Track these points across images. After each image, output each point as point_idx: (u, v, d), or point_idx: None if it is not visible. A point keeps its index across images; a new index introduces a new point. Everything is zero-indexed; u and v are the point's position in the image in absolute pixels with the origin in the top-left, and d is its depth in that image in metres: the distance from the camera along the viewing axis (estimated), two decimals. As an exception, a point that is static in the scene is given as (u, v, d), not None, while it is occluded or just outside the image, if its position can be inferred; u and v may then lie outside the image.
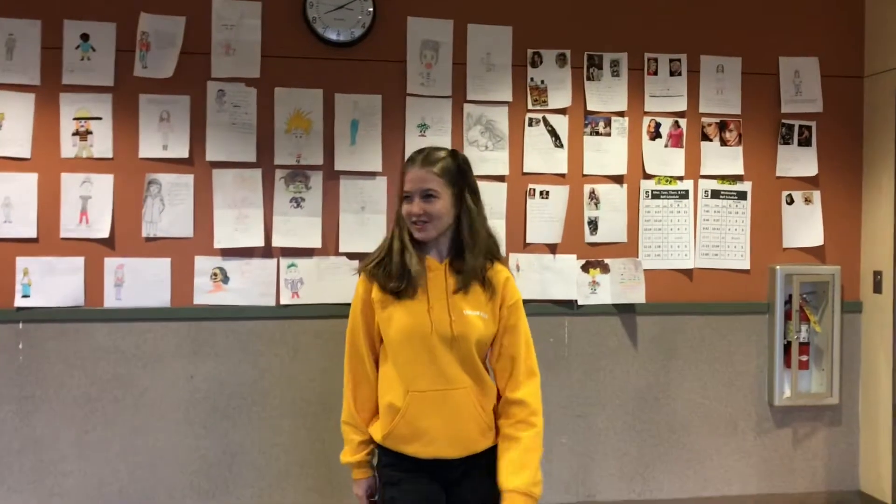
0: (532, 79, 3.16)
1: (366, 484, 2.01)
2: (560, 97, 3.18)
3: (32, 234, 2.89)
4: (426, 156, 1.91)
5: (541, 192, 3.16)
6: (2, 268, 2.88)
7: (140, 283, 2.93)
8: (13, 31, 2.88)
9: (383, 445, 1.92)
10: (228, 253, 2.98)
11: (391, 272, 1.88)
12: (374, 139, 3.06)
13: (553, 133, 3.17)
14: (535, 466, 1.87)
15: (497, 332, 1.94)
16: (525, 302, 3.01)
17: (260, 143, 3.00)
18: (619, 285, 3.20)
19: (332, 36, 3.03)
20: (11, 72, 2.88)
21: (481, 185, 2.96)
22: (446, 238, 1.93)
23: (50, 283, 2.87)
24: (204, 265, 2.97)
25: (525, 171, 3.16)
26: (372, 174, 3.07)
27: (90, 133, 2.90)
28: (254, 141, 2.99)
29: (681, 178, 3.26)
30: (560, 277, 3.17)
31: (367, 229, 3.05)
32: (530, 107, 3.16)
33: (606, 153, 3.20)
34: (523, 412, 1.91)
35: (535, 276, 3.15)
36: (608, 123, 3.20)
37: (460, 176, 1.92)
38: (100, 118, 2.91)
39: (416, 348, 1.86)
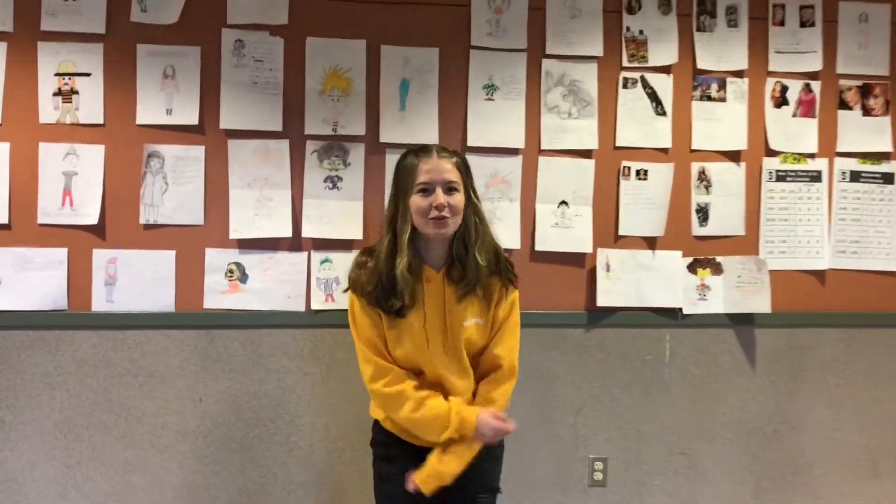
0: (628, 28, 2.69)
1: None
2: (663, 52, 2.71)
3: (3, 218, 2.51)
4: (439, 148, 1.93)
5: (637, 172, 2.70)
6: (-35, 261, 2.50)
7: (137, 281, 2.57)
8: (-20, -35, 2.48)
9: (381, 424, 2.04)
10: (247, 245, 2.61)
11: (386, 289, 1.89)
12: (430, 103, 2.64)
13: (653, 97, 2.71)
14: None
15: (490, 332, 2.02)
16: (617, 309, 2.60)
17: (287, 107, 2.59)
18: (735, 290, 2.71)
19: (379, -28, 2.58)
20: (-23, 15, 2.49)
21: (562, 160, 2.62)
22: (446, 244, 1.94)
23: (25, 280, 2.52)
24: (217, 260, 2.60)
25: (618, 144, 2.71)
26: (426, 147, 2.62)
27: (76, 93, 2.53)
28: (280, 105, 2.59)
29: (812, 156, 2.79)
30: (661, 279, 2.71)
31: (418, 216, 2.60)
32: (625, 64, 2.69)
33: (720, 123, 2.74)
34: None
35: (628, 278, 2.68)
36: (722, 86, 2.73)
37: (468, 176, 1.95)
38: (88, 74, 2.54)
39: (414, 361, 1.94)
